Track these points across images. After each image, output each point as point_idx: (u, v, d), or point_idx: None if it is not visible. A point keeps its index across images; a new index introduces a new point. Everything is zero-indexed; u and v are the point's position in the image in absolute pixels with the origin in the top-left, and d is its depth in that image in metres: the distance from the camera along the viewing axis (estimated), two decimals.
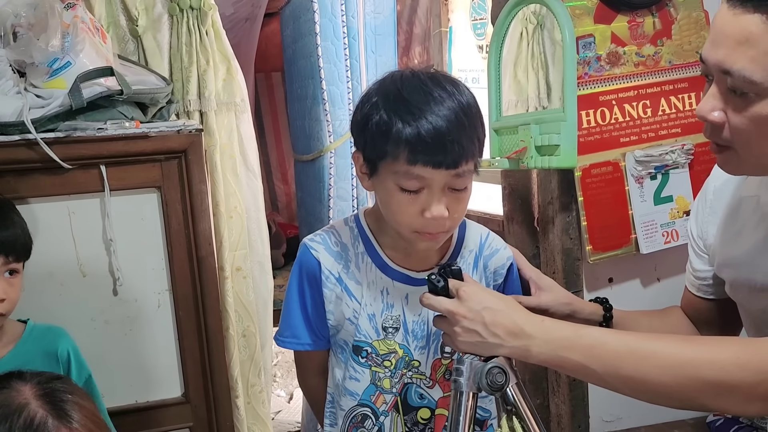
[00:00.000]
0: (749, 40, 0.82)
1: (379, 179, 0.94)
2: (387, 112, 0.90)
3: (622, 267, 1.58)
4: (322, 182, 2.03)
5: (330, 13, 1.94)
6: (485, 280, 1.06)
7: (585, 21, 1.48)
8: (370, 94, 0.94)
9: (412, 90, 0.90)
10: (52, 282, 1.29)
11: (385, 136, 0.89)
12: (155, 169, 1.32)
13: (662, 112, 1.52)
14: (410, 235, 0.94)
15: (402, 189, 0.90)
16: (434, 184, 0.90)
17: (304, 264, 1.03)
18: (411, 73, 0.93)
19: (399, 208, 0.92)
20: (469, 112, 0.91)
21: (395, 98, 0.90)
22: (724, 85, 0.87)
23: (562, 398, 1.61)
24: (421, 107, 0.88)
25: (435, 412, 1.05)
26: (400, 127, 0.88)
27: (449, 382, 1.00)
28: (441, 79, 0.92)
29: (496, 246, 1.07)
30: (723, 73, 0.86)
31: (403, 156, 0.88)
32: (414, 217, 0.91)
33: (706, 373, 0.79)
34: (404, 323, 1.02)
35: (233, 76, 1.62)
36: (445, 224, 0.93)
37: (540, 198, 1.62)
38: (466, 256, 1.05)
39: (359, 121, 0.95)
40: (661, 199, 1.54)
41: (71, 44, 1.27)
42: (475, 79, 2.31)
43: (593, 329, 0.91)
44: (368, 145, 0.93)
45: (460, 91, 0.92)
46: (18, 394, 0.83)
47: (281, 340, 1.06)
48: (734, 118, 0.87)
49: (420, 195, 0.90)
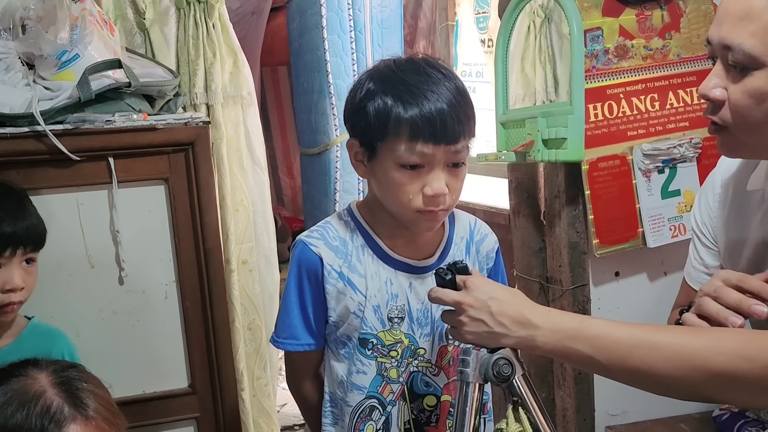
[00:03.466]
0: (750, 15, 0.84)
1: (378, 161, 0.96)
2: (386, 95, 0.93)
3: (629, 261, 1.58)
4: (329, 175, 2.04)
5: (336, 7, 1.94)
6: (478, 264, 1.09)
7: (593, 14, 1.47)
8: (362, 81, 0.97)
9: (409, 72, 0.94)
10: (61, 273, 1.29)
11: (386, 117, 0.92)
12: (163, 162, 1.32)
13: (670, 106, 1.52)
14: (411, 215, 0.96)
15: (402, 166, 0.93)
16: (434, 161, 0.93)
17: (304, 262, 1.02)
18: (405, 59, 0.97)
19: (399, 187, 0.94)
20: (464, 91, 0.96)
21: (393, 81, 0.94)
22: (726, 62, 0.88)
23: (568, 391, 1.61)
24: (419, 87, 0.92)
25: (440, 398, 1.06)
26: (401, 107, 0.91)
27: (453, 369, 1.02)
28: (435, 63, 0.97)
29: (484, 231, 1.12)
30: (725, 49, 0.87)
31: (404, 133, 0.91)
32: (415, 195, 0.94)
33: (712, 365, 0.79)
34: (409, 312, 1.03)
35: (240, 69, 1.62)
36: (445, 201, 0.95)
37: (547, 191, 1.62)
38: (459, 243, 1.08)
39: (355, 108, 0.97)
40: (668, 192, 1.53)
41: (79, 37, 1.27)
42: (479, 73, 2.30)
43: (599, 320, 0.91)
44: (366, 130, 0.95)
45: (454, 75, 0.97)
46: (34, 381, 0.84)
47: (279, 342, 1.06)
48: (734, 93, 0.88)
49: (420, 172, 0.93)
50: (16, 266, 1.08)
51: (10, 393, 0.82)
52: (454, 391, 1.01)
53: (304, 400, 1.13)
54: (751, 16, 0.84)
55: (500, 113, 1.51)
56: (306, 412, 1.14)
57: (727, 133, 0.92)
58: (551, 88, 1.60)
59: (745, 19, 0.84)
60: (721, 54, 0.89)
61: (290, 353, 1.08)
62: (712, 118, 0.93)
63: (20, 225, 1.09)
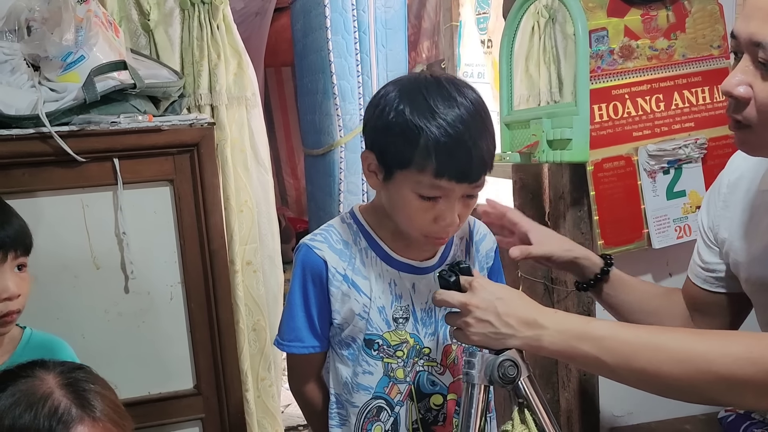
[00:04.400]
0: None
1: (395, 186, 0.95)
2: (415, 122, 0.90)
3: (634, 262, 1.57)
4: (333, 176, 2.04)
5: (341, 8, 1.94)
6: (479, 264, 1.10)
7: (598, 14, 1.47)
8: (392, 98, 0.93)
9: (439, 100, 0.91)
10: (66, 274, 1.30)
11: (412, 146, 0.90)
12: (168, 163, 1.32)
13: (675, 106, 1.52)
14: (418, 236, 0.97)
15: (420, 197, 0.93)
16: (453, 195, 0.93)
17: (308, 265, 1.02)
18: (434, 80, 0.94)
19: (414, 214, 0.95)
20: (489, 121, 0.94)
21: (423, 108, 0.90)
22: (755, 59, 0.85)
23: (573, 393, 1.61)
24: (450, 121, 0.89)
25: (447, 397, 1.07)
26: (431, 140, 0.89)
27: (459, 367, 1.02)
28: (461, 86, 0.94)
29: (483, 231, 1.13)
30: (754, 46, 0.84)
31: (430, 168, 0.90)
32: (427, 222, 0.95)
33: (718, 367, 0.79)
34: (413, 312, 1.04)
35: (244, 70, 1.62)
36: (455, 229, 0.97)
37: (551, 192, 1.61)
38: (458, 243, 1.09)
39: (379, 125, 0.94)
40: (673, 193, 1.53)
41: (85, 38, 1.28)
42: (481, 74, 2.30)
43: (605, 321, 0.91)
44: (389, 151, 0.93)
45: (480, 102, 0.94)
46: (42, 382, 0.84)
47: (284, 345, 1.05)
48: (762, 91, 0.85)
49: (437, 203, 0.93)
50: (8, 273, 1.02)
51: (18, 394, 0.82)
52: (460, 390, 1.01)
53: (307, 403, 1.12)
54: None
55: (504, 114, 1.51)
56: (309, 415, 1.13)
57: (751, 132, 0.89)
58: (556, 89, 1.60)
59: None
60: (749, 50, 0.86)
61: (293, 356, 1.08)
62: (736, 117, 0.90)
63: (6, 229, 1.04)
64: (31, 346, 1.11)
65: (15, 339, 1.11)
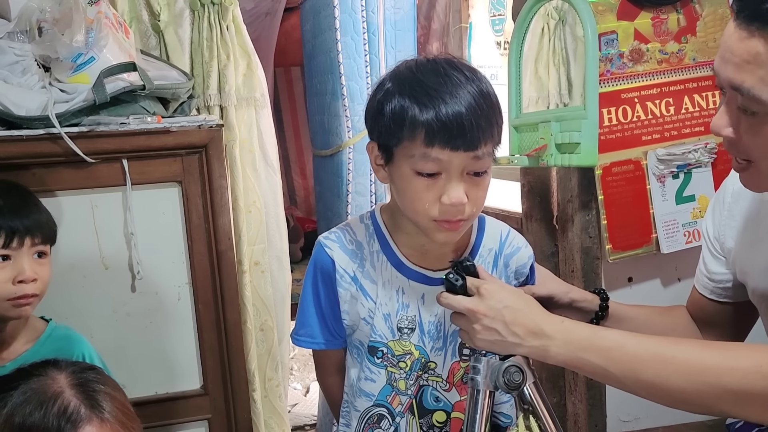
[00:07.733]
0: (757, 60, 0.80)
1: (395, 166, 0.91)
2: (402, 96, 0.88)
3: (643, 266, 1.57)
4: (341, 177, 2.04)
5: (350, 9, 1.94)
6: (505, 278, 1.04)
7: (608, 17, 1.46)
8: (383, 82, 0.93)
9: (428, 73, 0.89)
10: (75, 274, 1.30)
11: (401, 119, 0.87)
12: (176, 164, 1.33)
13: (685, 110, 1.51)
14: (428, 224, 0.91)
15: (418, 173, 0.88)
16: (452, 168, 0.87)
17: (319, 262, 1.01)
18: (426, 59, 0.92)
19: (416, 194, 0.89)
20: (488, 94, 0.89)
21: (411, 82, 0.88)
22: (735, 103, 0.85)
23: (579, 397, 1.60)
24: (437, 89, 0.86)
25: (451, 415, 1.04)
26: (416, 109, 0.86)
27: (467, 386, 0.98)
28: (458, 64, 0.91)
29: (517, 244, 1.05)
30: (734, 89, 0.84)
31: (419, 138, 0.86)
32: (431, 203, 0.89)
33: (727, 381, 0.78)
34: (420, 324, 1.01)
35: (253, 71, 1.63)
36: (464, 210, 0.90)
37: (559, 196, 1.61)
38: (485, 255, 1.03)
39: (373, 109, 0.93)
40: (683, 198, 1.52)
41: (95, 39, 1.28)
42: (494, 75, 2.29)
43: (613, 331, 0.90)
44: (384, 132, 0.91)
45: (479, 77, 0.90)
46: (53, 382, 0.85)
47: (297, 339, 1.06)
48: (747, 138, 0.85)
49: (437, 180, 0.88)
50: (26, 257, 1.05)
51: (29, 392, 0.83)
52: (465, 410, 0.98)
53: (328, 393, 1.14)
54: (758, 61, 0.80)
55: (513, 116, 1.50)
56: (331, 404, 1.14)
57: (752, 169, 0.88)
58: (565, 91, 1.59)
59: (753, 63, 0.80)
60: (730, 92, 0.85)
61: (313, 350, 1.08)
62: (734, 154, 0.89)
63: (25, 215, 1.06)
64: (53, 338, 1.14)
65: (39, 330, 1.14)
